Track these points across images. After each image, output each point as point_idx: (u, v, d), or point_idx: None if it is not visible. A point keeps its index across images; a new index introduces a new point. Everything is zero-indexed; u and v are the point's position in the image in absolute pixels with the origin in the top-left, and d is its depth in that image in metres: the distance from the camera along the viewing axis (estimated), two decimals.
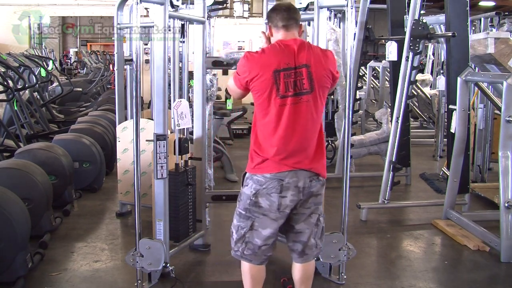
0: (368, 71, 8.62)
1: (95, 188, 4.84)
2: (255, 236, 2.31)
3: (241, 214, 2.33)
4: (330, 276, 3.01)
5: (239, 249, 2.35)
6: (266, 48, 2.30)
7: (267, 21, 2.38)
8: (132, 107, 3.46)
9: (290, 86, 2.20)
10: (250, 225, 2.31)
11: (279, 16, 2.30)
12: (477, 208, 4.47)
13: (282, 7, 2.34)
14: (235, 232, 2.35)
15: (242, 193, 2.34)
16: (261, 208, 2.27)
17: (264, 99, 2.22)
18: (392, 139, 4.33)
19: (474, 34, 4.81)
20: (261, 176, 2.25)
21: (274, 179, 2.23)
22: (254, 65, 2.22)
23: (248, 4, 10.76)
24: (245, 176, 2.34)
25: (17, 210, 2.91)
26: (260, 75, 2.20)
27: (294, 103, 2.20)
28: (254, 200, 2.27)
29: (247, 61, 2.25)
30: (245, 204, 2.31)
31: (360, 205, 4.18)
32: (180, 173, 3.17)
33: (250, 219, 2.30)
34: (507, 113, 3.42)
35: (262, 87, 2.21)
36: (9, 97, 5.25)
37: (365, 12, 5.14)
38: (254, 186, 2.27)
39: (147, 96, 5.83)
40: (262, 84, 2.21)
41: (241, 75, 2.27)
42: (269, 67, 2.20)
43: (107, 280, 3.01)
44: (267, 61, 2.21)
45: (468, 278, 3.19)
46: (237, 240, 2.34)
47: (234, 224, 2.36)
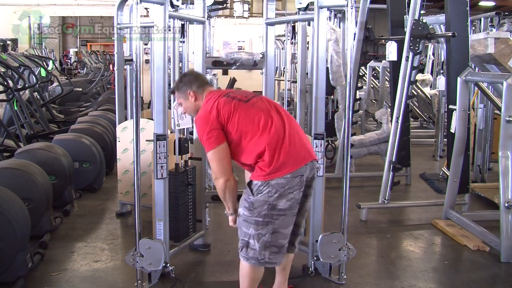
0: (368, 71, 8.62)
1: (95, 188, 4.84)
2: (279, 237, 2.34)
3: (259, 222, 2.31)
4: (330, 276, 3.01)
5: (265, 256, 2.34)
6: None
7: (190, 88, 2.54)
8: (132, 107, 3.45)
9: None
10: (271, 230, 2.31)
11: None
12: (477, 208, 4.47)
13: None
14: (256, 241, 2.32)
15: (254, 201, 2.31)
16: (280, 210, 2.31)
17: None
18: (392, 139, 4.33)
19: (474, 34, 4.81)
20: (279, 179, 2.28)
21: (294, 177, 2.29)
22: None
23: (248, 4, 10.76)
24: (255, 184, 2.33)
25: (17, 210, 2.91)
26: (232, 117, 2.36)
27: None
28: (273, 204, 2.29)
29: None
30: (261, 210, 2.30)
31: (360, 205, 4.18)
32: (180, 173, 3.17)
33: (271, 224, 2.31)
34: (507, 113, 3.42)
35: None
36: (9, 97, 5.25)
37: (365, 12, 5.14)
38: (272, 191, 2.29)
39: (147, 96, 5.83)
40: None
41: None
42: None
43: (107, 280, 3.01)
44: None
45: (468, 278, 3.19)
46: (262, 248, 2.32)
47: (252, 234, 2.32)
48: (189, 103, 2.54)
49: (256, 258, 2.34)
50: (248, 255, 2.36)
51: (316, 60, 2.90)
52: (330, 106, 5.73)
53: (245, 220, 2.35)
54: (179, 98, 2.58)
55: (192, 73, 2.66)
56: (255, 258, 2.35)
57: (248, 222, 2.33)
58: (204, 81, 2.59)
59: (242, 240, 2.38)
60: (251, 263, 2.37)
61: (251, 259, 2.36)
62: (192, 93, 2.52)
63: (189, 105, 2.56)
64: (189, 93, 2.52)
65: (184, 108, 2.60)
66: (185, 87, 2.54)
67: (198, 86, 2.53)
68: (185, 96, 2.54)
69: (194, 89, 2.52)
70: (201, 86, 2.53)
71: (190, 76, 2.59)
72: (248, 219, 2.33)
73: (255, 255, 2.34)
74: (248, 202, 2.34)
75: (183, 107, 2.61)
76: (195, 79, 2.56)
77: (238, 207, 2.42)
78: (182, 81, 2.58)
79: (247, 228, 2.34)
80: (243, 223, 2.36)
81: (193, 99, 2.52)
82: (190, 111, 2.59)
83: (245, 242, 2.36)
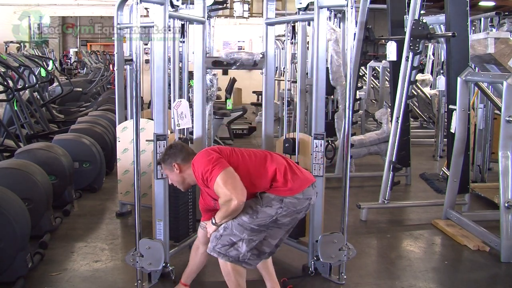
0: (368, 71, 8.61)
1: (95, 188, 4.84)
2: (265, 245, 2.46)
3: (254, 229, 2.39)
4: (330, 276, 3.01)
5: (246, 257, 2.40)
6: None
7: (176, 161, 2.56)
8: (132, 107, 3.45)
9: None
10: (263, 238, 2.43)
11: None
12: (477, 208, 4.47)
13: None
14: (245, 245, 2.39)
15: (260, 211, 2.36)
16: (279, 224, 2.41)
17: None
18: (392, 139, 4.33)
19: (474, 34, 4.81)
20: (293, 198, 2.38)
21: (305, 199, 2.42)
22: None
23: (248, 4, 10.76)
24: (267, 196, 2.39)
25: (17, 210, 2.91)
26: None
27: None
28: (276, 219, 2.38)
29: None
30: (262, 221, 2.38)
31: (360, 205, 4.18)
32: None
33: (263, 232, 2.42)
34: (507, 113, 3.42)
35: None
36: (9, 97, 5.25)
37: (365, 12, 5.14)
38: (284, 208, 2.37)
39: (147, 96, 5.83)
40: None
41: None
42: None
43: (107, 280, 3.01)
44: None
45: (468, 278, 3.19)
46: (248, 251, 2.40)
47: (244, 238, 2.38)
48: (175, 175, 2.57)
49: (236, 257, 2.40)
50: (227, 253, 2.40)
51: (316, 60, 2.90)
52: (330, 106, 5.73)
53: (241, 224, 2.38)
54: (165, 169, 2.61)
55: (177, 145, 2.64)
56: (235, 257, 2.40)
57: (243, 227, 2.38)
58: (190, 153, 2.58)
59: (229, 239, 2.39)
60: (228, 261, 2.41)
61: (230, 257, 2.40)
62: (177, 165, 2.54)
63: (174, 177, 2.58)
64: (174, 165, 2.54)
65: (170, 179, 2.64)
66: (170, 159, 2.56)
67: (182, 158, 2.54)
68: (170, 168, 2.57)
69: (179, 162, 2.54)
70: (186, 158, 2.54)
71: (175, 149, 2.59)
72: (245, 225, 2.38)
73: (237, 255, 2.40)
74: (253, 209, 2.37)
75: (169, 179, 2.65)
76: (180, 151, 2.57)
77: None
78: (167, 154, 2.59)
79: (240, 232, 2.39)
80: (238, 226, 2.38)
81: (178, 171, 2.55)
82: (176, 182, 2.61)
83: (231, 242, 2.40)
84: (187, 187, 2.64)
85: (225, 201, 2.30)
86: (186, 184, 2.61)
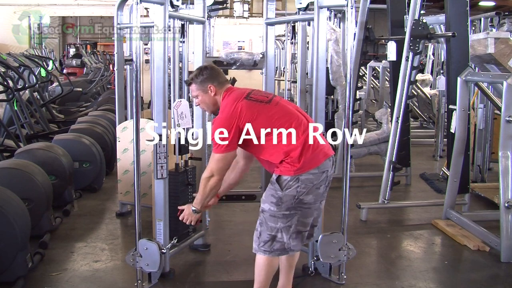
0: (368, 71, 8.62)
1: (95, 188, 4.84)
2: (300, 225, 2.42)
3: (286, 215, 2.38)
4: (330, 276, 3.01)
5: (291, 244, 2.40)
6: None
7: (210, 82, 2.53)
8: (132, 107, 3.45)
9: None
10: (296, 220, 2.40)
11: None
12: (477, 208, 4.47)
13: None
14: (285, 234, 2.38)
15: (282, 196, 2.36)
16: (305, 204, 2.39)
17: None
18: (392, 139, 4.33)
19: (474, 34, 4.81)
20: (308, 174, 2.35)
21: (321, 172, 2.38)
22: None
23: (248, 4, 10.76)
24: (284, 179, 2.36)
25: (17, 210, 2.91)
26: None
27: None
28: (301, 198, 2.36)
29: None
30: (289, 204, 2.37)
31: (360, 205, 4.18)
32: (180, 173, 3.16)
33: (296, 215, 2.39)
34: (507, 113, 3.42)
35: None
36: (9, 97, 5.24)
37: (365, 12, 5.14)
38: (302, 186, 2.35)
39: (147, 96, 5.84)
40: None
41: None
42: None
43: (107, 280, 3.01)
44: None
45: (468, 278, 3.20)
46: (289, 237, 2.39)
47: (281, 227, 2.38)
48: (208, 97, 2.54)
49: (282, 249, 2.41)
50: (273, 248, 2.41)
51: (316, 60, 2.90)
52: (330, 106, 5.72)
53: (272, 215, 2.39)
54: (197, 91, 2.55)
55: (213, 67, 2.62)
56: (281, 249, 2.41)
57: (275, 217, 2.39)
58: (225, 78, 2.59)
59: (268, 235, 2.40)
60: (274, 256, 2.42)
61: (276, 251, 2.41)
62: (213, 88, 2.51)
63: (207, 99, 2.55)
64: (209, 87, 2.51)
65: (201, 101, 2.58)
66: (207, 80, 2.52)
67: (219, 81, 2.53)
68: (204, 89, 2.53)
69: (216, 84, 2.52)
70: (222, 82, 2.54)
71: (212, 70, 2.56)
72: (276, 214, 2.38)
73: (281, 247, 2.40)
74: (276, 197, 2.38)
75: (199, 100, 2.59)
76: (218, 74, 2.56)
77: (262, 203, 2.46)
78: (203, 74, 2.53)
79: (275, 223, 2.39)
80: (271, 218, 2.40)
81: (213, 93, 2.52)
82: (206, 105, 2.59)
83: (271, 237, 2.40)
84: (215, 111, 2.59)
85: (209, 175, 2.41)
86: (215, 108, 2.57)
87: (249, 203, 3.75)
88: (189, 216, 2.57)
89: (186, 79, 2.67)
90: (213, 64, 2.72)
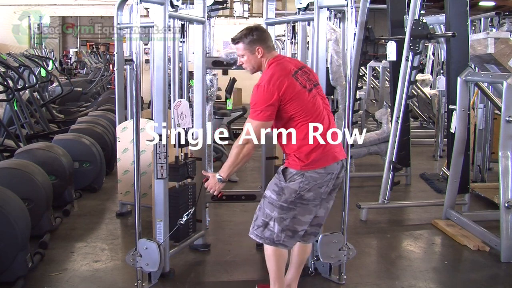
0: (368, 71, 8.62)
1: (95, 188, 4.84)
2: (297, 223, 2.44)
3: (283, 207, 2.41)
4: (330, 276, 3.02)
5: (281, 238, 2.44)
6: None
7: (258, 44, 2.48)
8: (132, 107, 3.45)
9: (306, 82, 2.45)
10: (292, 216, 2.42)
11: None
12: (477, 208, 4.47)
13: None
14: (277, 224, 2.42)
15: (285, 187, 2.39)
16: (304, 200, 2.41)
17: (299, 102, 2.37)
18: (392, 139, 4.33)
19: (474, 34, 4.81)
20: (313, 172, 2.38)
21: (327, 174, 2.40)
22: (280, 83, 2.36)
23: (248, 4, 10.75)
24: (290, 171, 2.40)
25: (17, 210, 2.91)
26: (287, 85, 2.35)
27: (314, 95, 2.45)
28: (301, 194, 2.38)
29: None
30: (289, 197, 2.40)
31: (360, 205, 4.18)
32: (181, 165, 3.11)
33: (293, 210, 2.41)
34: (507, 113, 3.42)
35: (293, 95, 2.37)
36: (9, 97, 5.25)
37: (365, 12, 5.14)
38: (305, 182, 2.37)
39: (147, 96, 5.84)
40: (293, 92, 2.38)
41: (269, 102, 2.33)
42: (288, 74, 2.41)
43: (107, 280, 3.01)
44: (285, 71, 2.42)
45: (468, 278, 3.20)
46: (280, 231, 2.43)
47: (275, 217, 2.42)
48: (254, 58, 2.50)
49: (271, 239, 2.44)
50: (263, 235, 2.46)
51: (316, 60, 2.91)
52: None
53: (271, 203, 2.43)
54: (244, 50, 2.50)
55: (263, 29, 2.58)
56: (270, 239, 2.45)
57: (273, 205, 2.42)
58: (272, 43, 2.58)
59: (262, 220, 2.46)
60: (265, 243, 2.47)
61: (266, 239, 2.46)
62: (261, 50, 2.47)
63: (252, 60, 2.51)
64: (258, 49, 2.47)
65: (246, 61, 2.53)
66: (256, 42, 2.47)
67: (268, 45, 2.50)
68: (252, 50, 2.48)
69: (264, 47, 2.48)
70: (270, 47, 2.51)
71: (263, 32, 2.51)
72: (274, 203, 2.42)
73: (271, 236, 2.44)
74: (278, 187, 2.42)
75: (244, 60, 2.54)
76: (267, 37, 2.52)
77: (266, 189, 2.50)
78: (252, 35, 2.47)
79: (271, 211, 2.43)
80: (268, 205, 2.44)
81: (260, 55, 2.48)
82: (250, 65, 2.54)
83: (264, 223, 2.45)
84: (255, 71, 2.58)
85: (243, 142, 2.36)
86: (258, 70, 2.55)
87: (249, 203, 3.75)
88: (214, 185, 2.50)
89: (232, 37, 2.57)
90: (262, 26, 2.65)
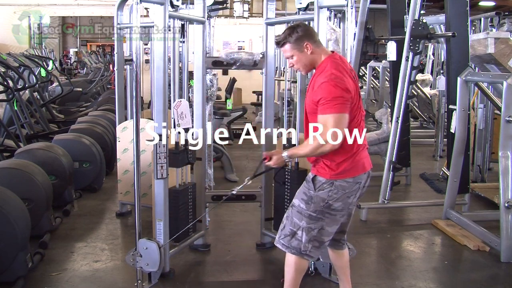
0: (368, 71, 8.62)
1: (95, 188, 4.84)
2: (324, 234, 2.40)
3: (312, 216, 2.37)
4: (330, 276, 3.02)
5: (308, 248, 2.39)
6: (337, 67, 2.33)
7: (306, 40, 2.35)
8: (132, 107, 3.45)
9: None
10: (320, 227, 2.37)
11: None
12: (477, 208, 4.47)
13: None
14: (305, 234, 2.38)
15: (314, 196, 2.36)
16: (333, 210, 2.36)
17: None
18: (392, 139, 4.33)
19: (474, 34, 4.81)
20: (342, 181, 2.34)
21: (355, 183, 2.36)
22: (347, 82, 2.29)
23: (248, 4, 10.74)
24: (319, 180, 2.36)
25: (17, 210, 2.91)
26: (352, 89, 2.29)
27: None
28: (330, 203, 2.35)
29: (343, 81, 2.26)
30: (317, 206, 2.35)
31: (360, 205, 4.18)
32: (181, 151, 3.06)
33: (321, 220, 2.37)
34: (507, 113, 3.42)
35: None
36: (9, 97, 5.25)
37: (365, 12, 5.14)
38: (334, 191, 2.33)
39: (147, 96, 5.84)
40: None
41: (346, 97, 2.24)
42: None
43: (107, 280, 3.01)
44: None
45: (468, 278, 3.20)
46: (307, 241, 2.38)
47: (303, 226, 2.38)
48: (304, 56, 2.36)
49: (298, 248, 2.40)
50: (290, 244, 2.41)
51: None
52: None
53: (299, 212, 2.39)
54: (292, 50, 2.36)
55: (306, 24, 2.48)
56: (297, 248, 2.40)
57: (302, 215, 2.38)
58: (319, 40, 2.46)
59: (290, 229, 2.42)
60: (290, 252, 2.42)
61: (292, 248, 2.41)
62: (310, 46, 2.34)
63: (303, 58, 2.36)
64: (306, 45, 2.33)
65: (296, 61, 2.39)
66: (303, 38, 2.33)
67: (315, 40, 2.38)
68: (300, 48, 2.34)
69: (312, 42, 2.35)
70: (318, 41, 2.40)
71: (307, 28, 2.40)
72: (303, 212, 2.38)
73: (298, 246, 2.39)
74: (307, 196, 2.38)
75: (294, 60, 2.39)
76: (313, 32, 2.43)
77: (294, 198, 2.46)
78: (297, 32, 2.33)
79: (299, 220, 2.39)
80: (297, 214, 2.40)
81: (309, 51, 2.34)
82: (302, 64, 2.40)
83: (292, 232, 2.41)
84: (310, 71, 2.44)
85: (322, 143, 2.22)
86: (312, 68, 2.41)
87: (249, 203, 3.75)
88: (278, 160, 2.42)
89: (276, 40, 2.44)
90: (303, 22, 2.55)
